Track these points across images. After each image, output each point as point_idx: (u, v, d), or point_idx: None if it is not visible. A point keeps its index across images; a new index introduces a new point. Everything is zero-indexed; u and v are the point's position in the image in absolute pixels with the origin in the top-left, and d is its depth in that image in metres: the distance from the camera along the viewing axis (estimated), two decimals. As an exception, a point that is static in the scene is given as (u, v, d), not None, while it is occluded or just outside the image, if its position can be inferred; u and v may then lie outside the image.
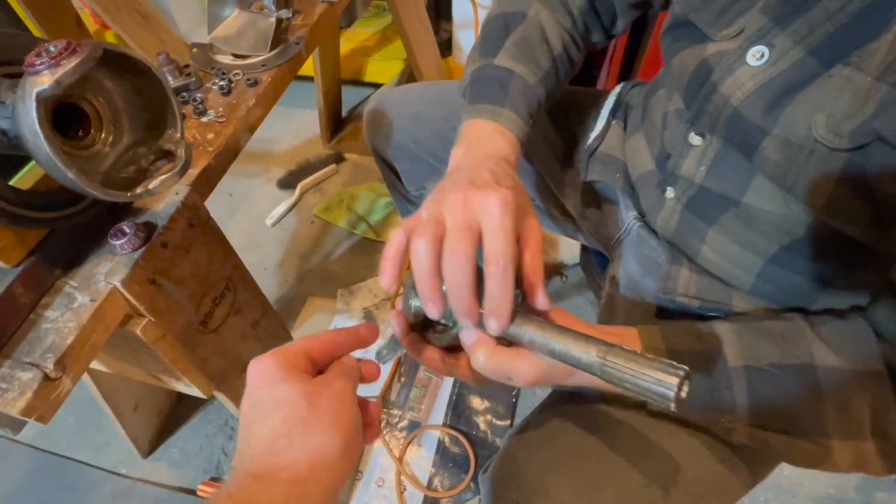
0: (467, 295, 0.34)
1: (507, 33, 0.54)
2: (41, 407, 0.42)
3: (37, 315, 0.46)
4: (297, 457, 0.29)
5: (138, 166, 0.44)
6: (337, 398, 0.32)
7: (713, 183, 0.46)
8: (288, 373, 0.32)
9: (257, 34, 0.73)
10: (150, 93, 0.44)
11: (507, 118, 0.49)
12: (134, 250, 0.48)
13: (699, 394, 0.39)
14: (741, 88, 0.39)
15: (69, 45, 0.34)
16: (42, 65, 0.33)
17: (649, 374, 0.30)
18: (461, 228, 0.35)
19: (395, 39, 1.64)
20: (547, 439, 0.47)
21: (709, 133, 0.44)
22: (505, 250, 0.35)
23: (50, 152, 0.33)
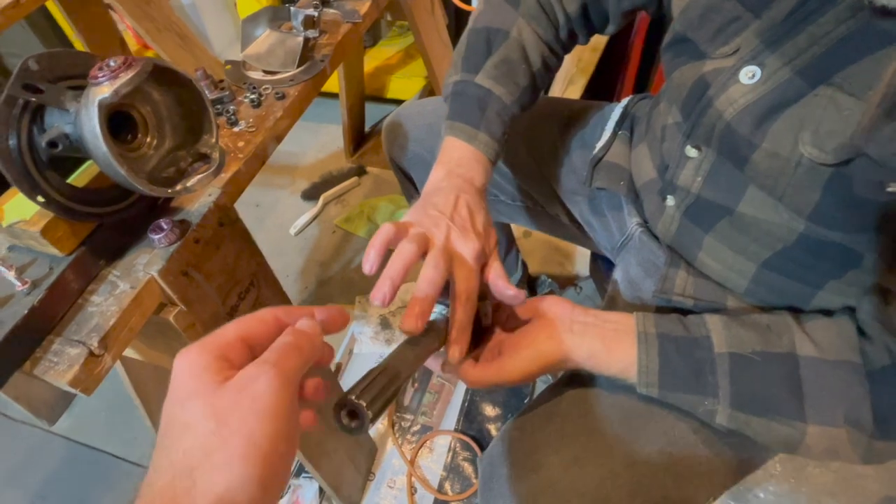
0: (430, 301, 0.41)
1: (489, 51, 0.57)
2: (86, 380, 0.47)
3: (84, 299, 0.51)
4: (200, 501, 0.23)
5: (178, 167, 0.49)
6: (254, 412, 0.25)
7: (709, 192, 0.49)
8: (202, 381, 0.26)
9: (286, 52, 0.79)
10: (190, 103, 0.49)
11: (482, 141, 0.53)
12: (170, 244, 0.53)
13: (685, 377, 0.42)
14: (733, 104, 0.42)
15: (126, 60, 0.39)
16: (104, 77, 0.38)
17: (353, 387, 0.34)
18: (443, 254, 0.43)
19: (418, 58, 1.70)
20: (541, 421, 0.50)
21: (704, 145, 0.47)
22: (470, 289, 0.43)
23: (107, 152, 0.38)
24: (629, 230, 0.62)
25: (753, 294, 0.50)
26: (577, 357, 0.43)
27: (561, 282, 1.29)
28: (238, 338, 0.29)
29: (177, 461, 0.24)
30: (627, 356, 0.43)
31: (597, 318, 0.46)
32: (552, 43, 0.60)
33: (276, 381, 0.26)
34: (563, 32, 0.61)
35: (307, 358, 0.29)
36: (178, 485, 0.23)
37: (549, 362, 0.43)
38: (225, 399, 0.25)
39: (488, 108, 0.55)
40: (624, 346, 0.44)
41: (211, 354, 0.27)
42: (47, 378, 0.46)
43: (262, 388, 0.25)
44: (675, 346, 0.43)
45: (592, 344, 0.43)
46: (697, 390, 0.42)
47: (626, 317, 0.46)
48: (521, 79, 0.57)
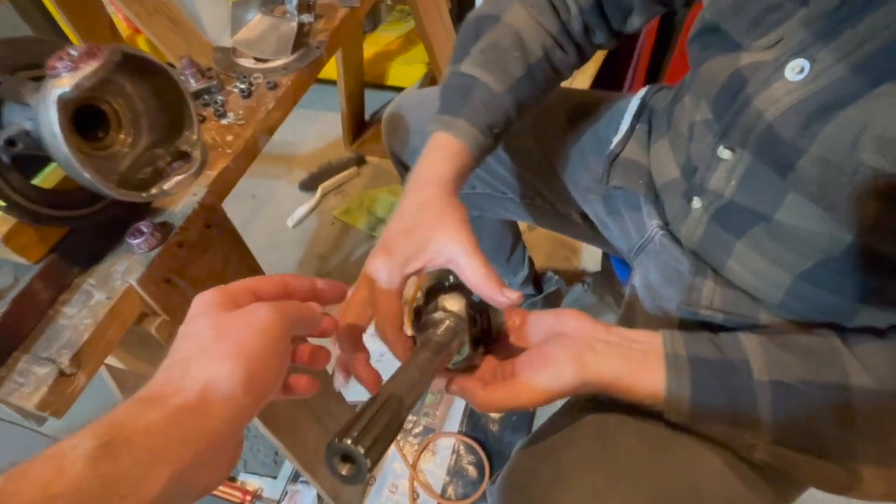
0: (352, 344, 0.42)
1: (477, 37, 0.52)
2: (56, 402, 0.43)
3: (55, 311, 0.47)
4: (189, 384, 0.26)
5: (155, 167, 0.44)
6: (249, 326, 0.28)
7: (743, 198, 0.44)
8: (211, 308, 0.30)
9: (279, 38, 0.74)
10: (169, 95, 0.44)
11: (460, 128, 0.48)
12: (150, 250, 0.49)
13: (721, 407, 0.38)
14: (776, 104, 0.37)
15: (90, 49, 0.34)
16: (63, 68, 0.33)
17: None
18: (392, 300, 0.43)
19: (419, 43, 1.64)
20: (556, 450, 0.45)
21: (739, 147, 0.42)
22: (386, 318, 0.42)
23: (67, 152, 0.34)
24: (648, 232, 0.58)
25: (788, 308, 0.46)
26: (601, 381, 0.39)
27: (567, 277, 1.25)
28: (247, 289, 0.32)
29: (176, 357, 0.28)
30: (655, 381, 0.39)
31: (620, 336, 0.41)
32: (558, 34, 0.54)
33: (275, 314, 0.29)
34: (576, 24, 0.54)
35: (305, 316, 0.32)
36: (173, 373, 0.27)
37: (570, 386, 0.39)
38: (227, 317, 0.29)
39: (472, 95, 0.49)
40: (651, 369, 0.39)
41: (222, 295, 0.31)
42: (12, 400, 0.42)
43: (260, 313, 0.29)
44: (708, 371, 0.38)
45: (617, 366, 0.39)
46: (734, 421, 0.38)
47: (653, 336, 0.41)
48: (513, 67, 0.51)
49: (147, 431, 0.23)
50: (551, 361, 0.39)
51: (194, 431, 0.25)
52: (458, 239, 0.42)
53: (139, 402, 0.25)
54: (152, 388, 0.26)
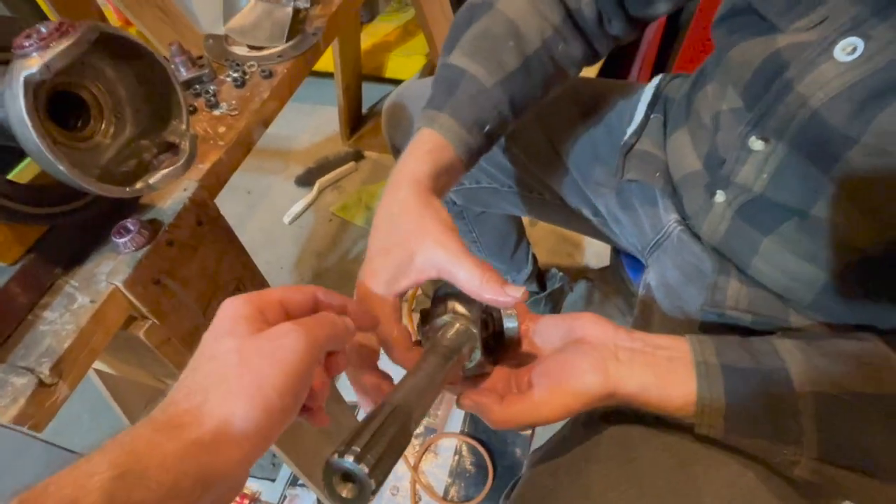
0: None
1: (468, 25, 0.48)
2: (35, 414, 0.40)
3: (35, 316, 0.43)
4: (206, 419, 0.25)
5: (140, 160, 0.41)
6: (274, 359, 0.27)
7: (775, 192, 0.41)
8: (237, 325, 0.28)
9: (273, 24, 0.70)
10: (155, 82, 0.41)
11: (443, 125, 0.44)
12: (137, 249, 0.45)
13: (758, 420, 0.35)
14: (824, 88, 0.34)
15: (61, 25, 0.31)
16: (31, 47, 0.30)
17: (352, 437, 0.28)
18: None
19: (418, 34, 1.60)
20: (576, 466, 0.42)
21: (774, 138, 0.39)
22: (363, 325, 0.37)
23: (38, 142, 0.30)
24: (665, 228, 0.55)
25: (820, 308, 0.43)
26: (625, 391, 0.36)
27: (571, 274, 1.22)
28: (279, 301, 0.31)
29: (197, 380, 0.27)
30: (685, 391, 0.36)
31: (644, 342, 0.38)
32: (561, 24, 0.49)
33: (303, 342, 0.28)
34: (588, 11, 0.49)
35: (338, 336, 0.31)
36: (192, 398, 0.26)
37: (593, 398, 0.35)
38: (253, 343, 0.28)
39: (458, 88, 0.45)
40: (680, 378, 0.36)
41: (252, 307, 0.30)
42: (-12, 414, 0.39)
43: (288, 343, 0.28)
44: (743, 381, 0.35)
45: (643, 376, 0.36)
46: (774, 435, 0.35)
47: (678, 341, 0.38)
48: (507, 58, 0.46)
49: (162, 465, 0.23)
50: (572, 371, 0.36)
51: (207, 468, 0.25)
52: (443, 245, 0.37)
53: (157, 430, 0.25)
54: (170, 411, 0.26)
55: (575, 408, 0.35)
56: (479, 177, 0.72)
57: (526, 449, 1.00)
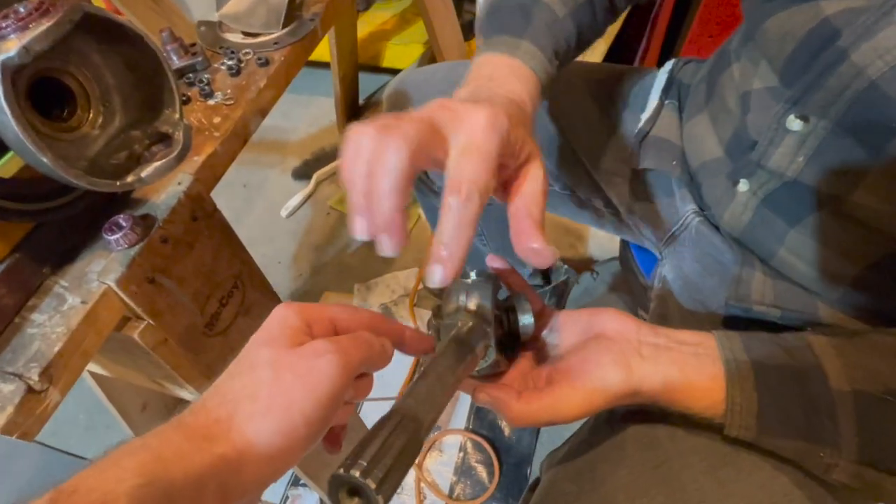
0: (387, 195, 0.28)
1: None
2: (24, 423, 0.38)
3: (22, 318, 0.41)
4: (233, 434, 0.25)
5: (131, 152, 0.38)
6: (306, 381, 0.26)
7: (811, 177, 0.38)
8: (283, 335, 0.28)
9: (269, 10, 0.67)
10: (145, 68, 0.38)
11: (526, 51, 0.41)
12: (130, 246, 0.43)
13: (792, 421, 0.33)
14: (884, 57, 0.31)
15: (41, 4, 0.28)
16: (8, 28, 0.27)
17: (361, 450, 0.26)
18: (417, 122, 0.28)
19: (415, 22, 1.57)
20: (600, 471, 0.40)
21: (816, 116, 0.36)
22: (473, 176, 0.28)
23: (19, 132, 0.28)
24: (683, 219, 0.52)
25: (849, 303, 0.41)
26: (650, 389, 0.34)
27: (574, 266, 1.20)
28: (330, 318, 0.31)
29: (232, 388, 0.27)
30: (713, 390, 0.34)
31: (669, 338, 0.36)
32: None
33: (337, 367, 0.27)
34: None
35: (373, 359, 0.30)
36: (223, 408, 0.26)
37: (616, 396, 0.34)
38: (290, 358, 0.27)
39: (534, 15, 0.43)
40: (707, 375, 0.34)
41: (301, 318, 0.29)
42: (-27, 423, 0.37)
43: (322, 365, 0.27)
44: (776, 379, 0.33)
45: (668, 372, 0.34)
46: (809, 437, 0.33)
47: (705, 337, 0.36)
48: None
49: (187, 476, 0.23)
50: (594, 367, 0.34)
51: (228, 485, 0.25)
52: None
53: (187, 438, 0.25)
54: (201, 418, 0.26)
55: (596, 406, 0.34)
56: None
57: (533, 444, 0.98)
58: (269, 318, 0.30)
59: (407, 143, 0.27)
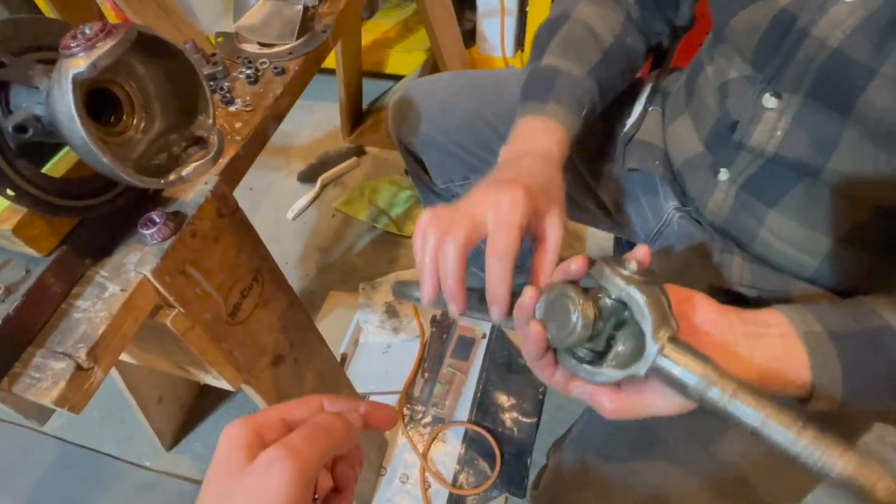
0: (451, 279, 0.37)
1: (551, 35, 0.54)
2: (74, 397, 0.41)
3: (68, 305, 0.45)
4: None
5: (170, 153, 0.43)
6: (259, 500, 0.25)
7: (789, 149, 0.42)
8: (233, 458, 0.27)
9: (283, 22, 0.72)
10: (181, 78, 0.43)
11: (551, 110, 0.49)
12: (163, 240, 0.47)
13: (877, 383, 0.34)
14: (840, 27, 0.35)
15: (105, 27, 0.32)
16: (78, 47, 0.31)
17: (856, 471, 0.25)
18: (463, 218, 0.37)
19: (418, 30, 1.62)
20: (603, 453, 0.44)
21: (788, 92, 0.41)
22: (501, 245, 0.36)
23: (86, 137, 0.32)
24: (666, 215, 0.57)
25: (823, 275, 0.45)
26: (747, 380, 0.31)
27: (572, 265, 1.24)
28: (279, 419, 0.29)
29: None
30: (801, 367, 0.34)
31: (756, 324, 0.35)
32: (624, 23, 0.56)
33: (289, 472, 0.25)
34: (635, 14, 0.57)
35: (337, 444, 0.28)
36: None
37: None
38: (240, 481, 0.26)
39: (557, 81, 0.51)
40: (796, 355, 0.34)
41: (250, 432, 0.28)
42: (29, 396, 0.41)
43: (272, 478, 0.25)
44: (854, 346, 0.34)
45: (764, 363, 0.33)
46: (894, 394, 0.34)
47: (774, 314, 0.36)
48: (590, 52, 0.53)
49: None
50: None
51: None
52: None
53: None
54: None
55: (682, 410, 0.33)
56: (486, 171, 0.73)
57: (532, 436, 1.02)
58: (219, 440, 0.28)
59: (461, 238, 0.37)
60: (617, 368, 0.32)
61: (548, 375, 0.36)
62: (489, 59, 1.54)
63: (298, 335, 0.72)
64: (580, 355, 0.34)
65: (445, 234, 0.37)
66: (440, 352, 1.14)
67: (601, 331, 0.32)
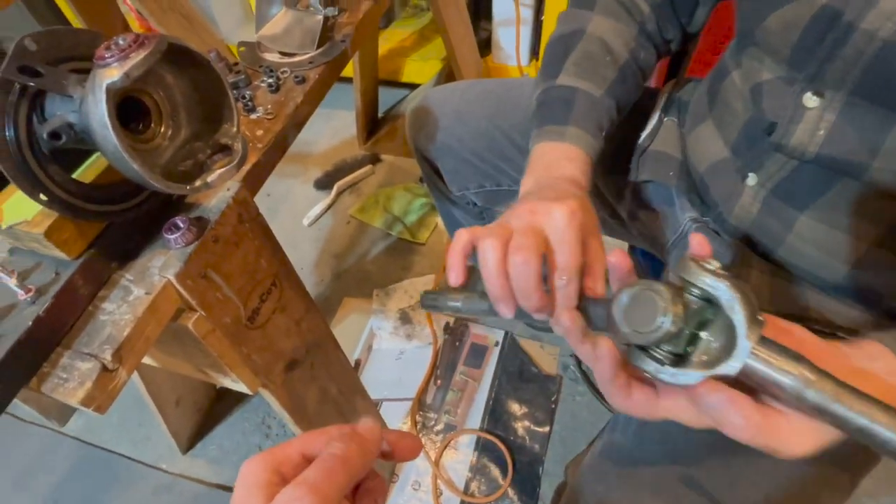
0: (534, 292, 0.35)
1: (567, 52, 0.54)
2: (99, 397, 0.42)
3: (94, 307, 0.46)
4: None
5: (195, 160, 0.44)
6: None
7: (832, 148, 0.41)
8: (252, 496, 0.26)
9: (304, 32, 0.73)
10: (207, 87, 0.44)
11: (573, 135, 0.48)
12: (187, 245, 0.48)
13: None
14: (892, 18, 0.34)
15: (137, 38, 0.34)
16: (112, 58, 0.33)
17: None
18: (526, 229, 0.36)
19: (433, 39, 1.63)
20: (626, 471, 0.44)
21: (831, 90, 0.39)
22: (569, 263, 0.36)
23: (118, 144, 0.33)
24: (682, 226, 0.57)
25: (852, 281, 0.44)
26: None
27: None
28: (298, 452, 0.28)
29: None
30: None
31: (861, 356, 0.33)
32: (638, 38, 0.56)
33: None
34: (651, 25, 0.57)
35: (355, 473, 0.27)
36: None
37: (834, 440, 0.30)
38: None
39: (575, 103, 0.51)
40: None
41: (268, 470, 0.27)
42: (56, 396, 0.42)
43: None
44: None
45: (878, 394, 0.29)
46: None
47: (872, 346, 0.33)
48: (607, 72, 0.53)
49: None
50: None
51: None
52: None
53: None
54: None
55: (818, 446, 0.30)
56: (500, 179, 0.74)
57: (544, 445, 1.02)
58: (238, 477, 0.28)
59: (534, 254, 0.35)
60: (704, 368, 0.29)
61: (624, 397, 0.33)
62: (504, 68, 1.55)
63: (314, 340, 0.73)
64: (658, 357, 0.31)
65: (518, 249, 0.35)
66: (453, 359, 1.14)
67: (683, 330, 0.30)
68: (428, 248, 1.39)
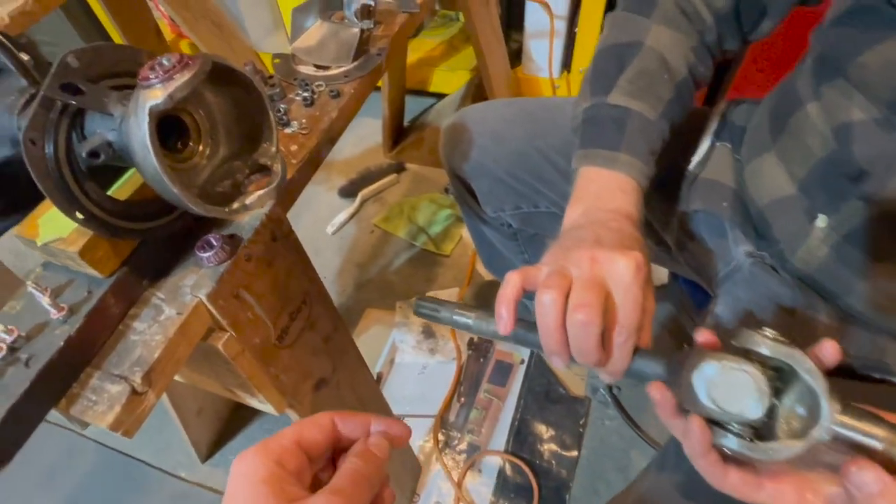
0: (594, 352, 0.33)
1: (621, 67, 0.50)
2: (127, 421, 0.41)
3: (125, 326, 0.45)
4: None
5: (234, 180, 0.43)
6: None
7: None
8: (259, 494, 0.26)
9: (339, 45, 0.72)
10: (247, 105, 0.43)
11: (625, 163, 0.46)
12: (219, 263, 0.47)
13: None
14: None
15: (181, 59, 0.33)
16: (156, 79, 0.32)
17: None
18: (589, 283, 0.34)
19: (462, 49, 1.62)
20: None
21: None
22: (632, 322, 0.34)
23: (158, 167, 0.32)
24: (736, 260, 0.54)
25: None
26: None
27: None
28: (294, 442, 0.29)
29: None
30: None
31: None
32: (697, 49, 0.52)
33: None
34: (711, 36, 0.53)
35: (377, 487, 0.29)
36: None
37: None
38: None
39: (627, 126, 0.47)
40: None
41: (269, 462, 0.27)
42: (86, 419, 0.41)
43: None
44: None
45: None
46: None
47: None
48: (664, 91, 0.50)
49: None
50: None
51: None
52: None
53: None
54: None
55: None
56: (537, 201, 0.72)
57: (571, 471, 0.99)
58: (231, 475, 0.27)
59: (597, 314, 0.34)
60: (793, 440, 0.28)
61: (720, 476, 0.31)
62: (535, 80, 1.53)
63: (340, 357, 0.71)
64: (734, 431, 0.30)
65: (581, 307, 0.33)
66: (477, 376, 1.12)
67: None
68: (452, 260, 1.37)
